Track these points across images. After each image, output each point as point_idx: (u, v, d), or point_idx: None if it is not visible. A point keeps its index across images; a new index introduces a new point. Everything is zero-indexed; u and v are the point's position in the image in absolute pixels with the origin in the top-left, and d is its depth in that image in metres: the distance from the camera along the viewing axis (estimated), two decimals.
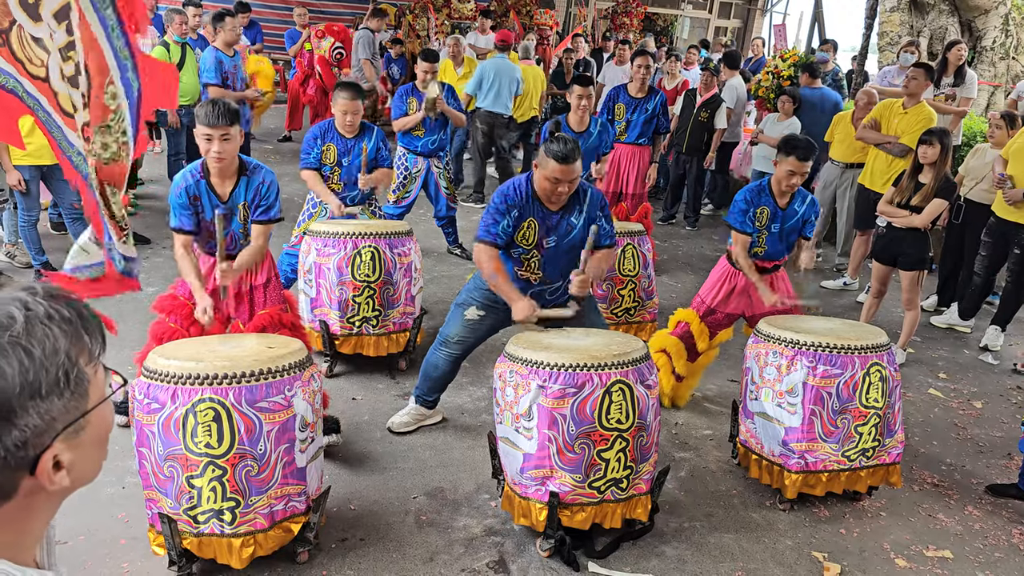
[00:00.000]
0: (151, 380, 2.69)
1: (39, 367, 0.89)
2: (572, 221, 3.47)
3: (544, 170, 3.31)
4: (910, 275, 5.21)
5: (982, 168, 5.92)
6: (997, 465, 4.17)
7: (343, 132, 4.88)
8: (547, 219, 3.45)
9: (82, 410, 0.95)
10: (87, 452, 0.97)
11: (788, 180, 4.05)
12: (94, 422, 0.97)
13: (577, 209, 3.47)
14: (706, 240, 8.10)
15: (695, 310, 4.35)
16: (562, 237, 3.47)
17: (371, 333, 4.40)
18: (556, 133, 3.41)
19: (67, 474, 0.95)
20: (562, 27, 14.34)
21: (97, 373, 0.98)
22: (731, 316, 4.31)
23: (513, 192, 3.42)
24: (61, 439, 0.93)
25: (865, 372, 3.38)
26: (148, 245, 6.34)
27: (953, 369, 5.41)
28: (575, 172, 3.31)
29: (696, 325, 4.30)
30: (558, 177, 3.29)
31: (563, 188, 3.33)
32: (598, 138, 5.65)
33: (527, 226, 3.43)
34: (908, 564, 3.26)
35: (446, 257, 6.74)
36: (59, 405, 0.92)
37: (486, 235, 3.42)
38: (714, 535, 3.34)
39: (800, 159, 3.97)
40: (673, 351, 4.30)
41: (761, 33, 17.43)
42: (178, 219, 3.48)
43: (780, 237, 4.18)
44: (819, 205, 4.31)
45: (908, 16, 10.63)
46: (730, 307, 4.29)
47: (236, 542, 2.73)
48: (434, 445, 3.86)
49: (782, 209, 4.15)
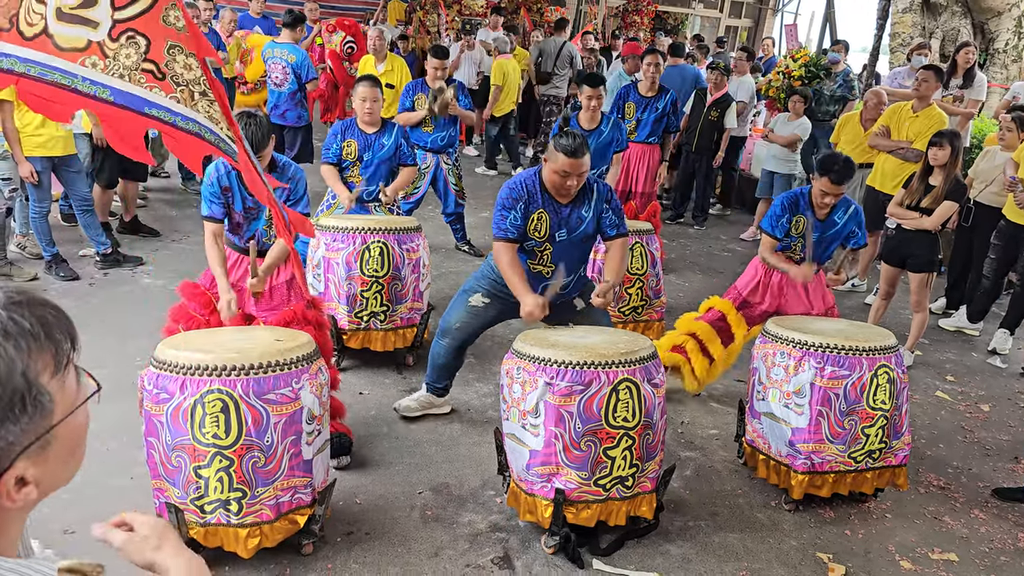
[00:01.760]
0: (160, 370, 2.70)
1: None
2: (582, 214, 3.50)
3: (553, 164, 3.35)
4: (919, 277, 5.19)
5: (992, 171, 5.90)
6: (1004, 468, 4.16)
7: (364, 127, 4.93)
8: (559, 211, 3.48)
9: (46, 427, 0.90)
10: (55, 464, 0.93)
11: (821, 199, 4.01)
12: (62, 434, 0.92)
13: (587, 202, 3.51)
14: (714, 239, 8.09)
15: (731, 300, 4.35)
16: (572, 230, 3.50)
17: (379, 328, 4.41)
18: (565, 128, 3.42)
19: (35, 488, 0.91)
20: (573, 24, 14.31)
21: (66, 383, 0.93)
22: (766, 314, 4.23)
23: (519, 186, 3.46)
24: (24, 458, 0.88)
25: (873, 374, 3.37)
26: (157, 238, 6.36)
27: (961, 372, 5.39)
28: (583, 166, 3.34)
29: (733, 315, 4.30)
30: (567, 170, 3.32)
31: (572, 182, 3.37)
32: (610, 135, 5.63)
33: (538, 217, 3.45)
34: (913, 566, 3.26)
35: (454, 253, 6.75)
36: (15, 430, 0.87)
37: (498, 231, 3.46)
38: (719, 534, 3.34)
39: (834, 182, 3.90)
40: (704, 336, 4.30)
41: (772, 33, 17.38)
42: (209, 207, 3.53)
43: (819, 245, 4.13)
44: (862, 214, 4.20)
45: (920, 17, 10.58)
46: (765, 303, 4.27)
47: (242, 532, 2.74)
48: (440, 441, 3.87)
49: (821, 220, 4.11)
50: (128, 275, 5.56)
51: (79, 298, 5.06)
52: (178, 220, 6.88)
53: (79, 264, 5.59)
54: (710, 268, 7.10)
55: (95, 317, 4.81)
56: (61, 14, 2.32)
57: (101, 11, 2.35)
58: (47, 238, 5.36)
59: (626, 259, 3.67)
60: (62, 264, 5.39)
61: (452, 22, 12.54)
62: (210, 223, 3.52)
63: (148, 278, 5.55)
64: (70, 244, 5.88)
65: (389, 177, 5.08)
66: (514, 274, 3.41)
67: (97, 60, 2.36)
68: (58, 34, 2.32)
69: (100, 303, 5.08)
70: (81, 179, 5.52)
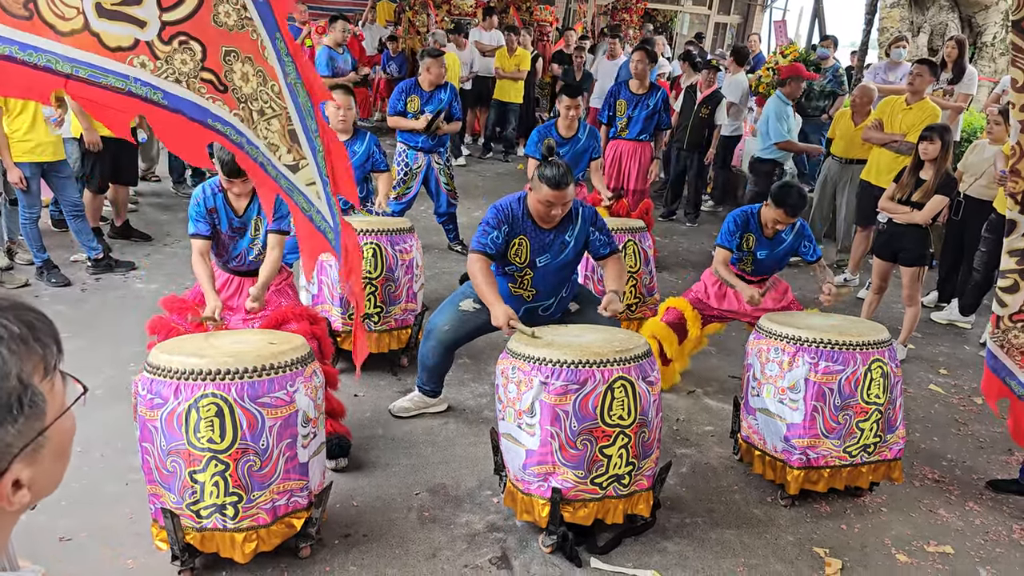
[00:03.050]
0: (154, 376, 2.69)
1: None
2: (565, 239, 3.58)
3: (538, 194, 3.44)
4: (911, 271, 5.22)
5: (981, 164, 5.92)
6: (998, 461, 4.18)
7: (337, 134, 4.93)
8: (540, 237, 3.56)
9: (39, 429, 0.91)
10: (47, 467, 0.94)
11: (772, 225, 4.16)
12: (53, 437, 0.94)
13: (571, 228, 3.59)
14: (706, 236, 8.10)
15: (688, 300, 4.45)
16: (555, 255, 3.58)
17: (373, 330, 4.40)
18: (550, 158, 3.48)
19: (28, 491, 0.92)
20: (562, 23, 14.31)
21: (54, 386, 0.95)
22: (723, 313, 4.41)
23: (507, 208, 3.55)
24: (19, 460, 0.90)
25: (867, 368, 3.38)
26: (149, 242, 6.34)
27: (954, 365, 5.41)
28: (567, 196, 3.43)
29: (689, 312, 4.41)
30: (551, 201, 3.42)
31: (556, 211, 3.46)
32: (586, 143, 5.75)
33: (519, 243, 3.54)
34: (909, 559, 3.27)
35: (447, 254, 6.74)
36: (12, 432, 0.88)
37: (477, 245, 3.53)
38: (715, 531, 3.34)
39: (788, 215, 4.06)
40: (663, 336, 4.40)
41: (761, 29, 17.41)
42: (195, 225, 3.62)
43: (768, 260, 4.28)
44: (808, 228, 4.35)
45: (908, 12, 10.62)
46: (723, 305, 4.39)
47: (239, 537, 2.73)
48: (436, 441, 3.87)
49: (768, 238, 4.24)
50: (120, 280, 5.54)
51: (71, 304, 5.04)
52: (169, 224, 6.85)
53: (71, 270, 5.57)
54: (702, 264, 7.08)
55: (87, 323, 4.79)
56: (102, 10, 2.16)
57: (148, 10, 2.22)
58: (38, 244, 5.33)
59: (624, 270, 3.72)
60: (53, 270, 5.37)
61: (442, 22, 12.52)
62: (197, 240, 3.60)
63: (140, 283, 5.53)
64: (61, 250, 5.85)
65: (363, 183, 5.11)
66: (485, 283, 3.45)
67: (147, 60, 2.23)
68: (104, 32, 2.16)
69: (92, 309, 5.06)
70: (71, 184, 5.49)
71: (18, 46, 2.07)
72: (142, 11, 2.22)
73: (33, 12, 2.08)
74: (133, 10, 2.20)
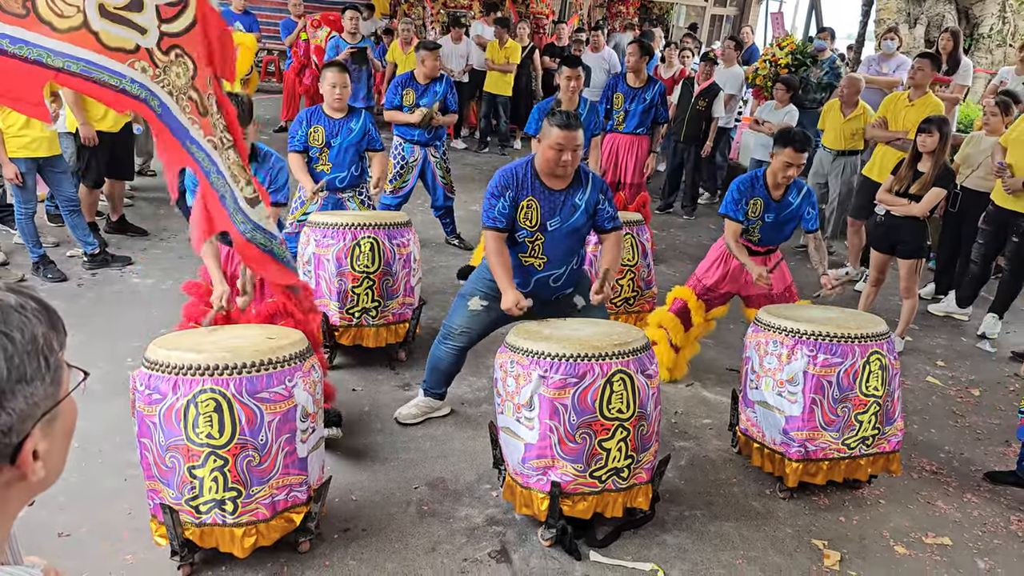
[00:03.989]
0: (152, 371, 2.68)
1: (21, 351, 0.89)
2: (576, 202, 3.50)
3: (548, 140, 3.36)
4: (908, 263, 5.22)
5: (978, 156, 5.92)
6: (995, 452, 4.19)
7: (331, 112, 4.94)
8: (550, 198, 3.48)
9: (57, 397, 0.94)
10: (58, 443, 0.97)
11: (784, 172, 4.11)
12: (65, 411, 0.97)
13: (580, 190, 3.51)
14: (704, 229, 8.10)
15: (691, 288, 4.51)
16: (566, 218, 3.50)
17: (370, 324, 4.39)
18: (556, 108, 3.46)
19: (43, 465, 0.94)
20: (558, 15, 14.27)
21: (63, 364, 0.98)
22: (726, 295, 4.49)
23: (508, 173, 3.48)
24: (39, 427, 0.92)
25: (865, 361, 3.38)
26: (145, 237, 6.32)
27: (951, 357, 5.42)
28: (578, 139, 3.35)
29: (693, 301, 4.47)
30: (561, 143, 3.33)
31: (567, 156, 3.36)
32: (587, 118, 5.72)
33: (527, 205, 3.46)
34: (907, 551, 3.28)
35: (444, 247, 6.73)
36: (41, 390, 0.91)
37: (487, 220, 3.48)
38: (714, 523, 3.35)
39: (797, 150, 4.04)
40: (670, 326, 4.47)
41: (757, 21, 17.38)
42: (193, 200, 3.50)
43: (775, 227, 4.27)
44: (815, 195, 4.38)
45: (905, 3, 10.62)
46: (724, 287, 4.45)
47: (238, 532, 2.73)
48: (435, 435, 3.86)
49: (775, 201, 4.21)
50: (117, 275, 5.53)
51: (68, 299, 5.02)
52: (166, 219, 6.83)
53: (67, 265, 5.55)
54: (700, 257, 7.05)
55: (85, 318, 4.78)
56: (105, 11, 2.22)
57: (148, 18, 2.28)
58: (34, 239, 5.31)
59: (621, 252, 3.68)
60: (50, 265, 5.35)
61: (437, 15, 12.49)
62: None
63: (137, 278, 5.52)
64: (60, 245, 5.84)
65: (359, 162, 5.08)
66: (499, 264, 3.41)
67: (147, 66, 2.29)
68: (103, 31, 2.22)
69: (89, 304, 5.05)
70: (67, 179, 5.47)
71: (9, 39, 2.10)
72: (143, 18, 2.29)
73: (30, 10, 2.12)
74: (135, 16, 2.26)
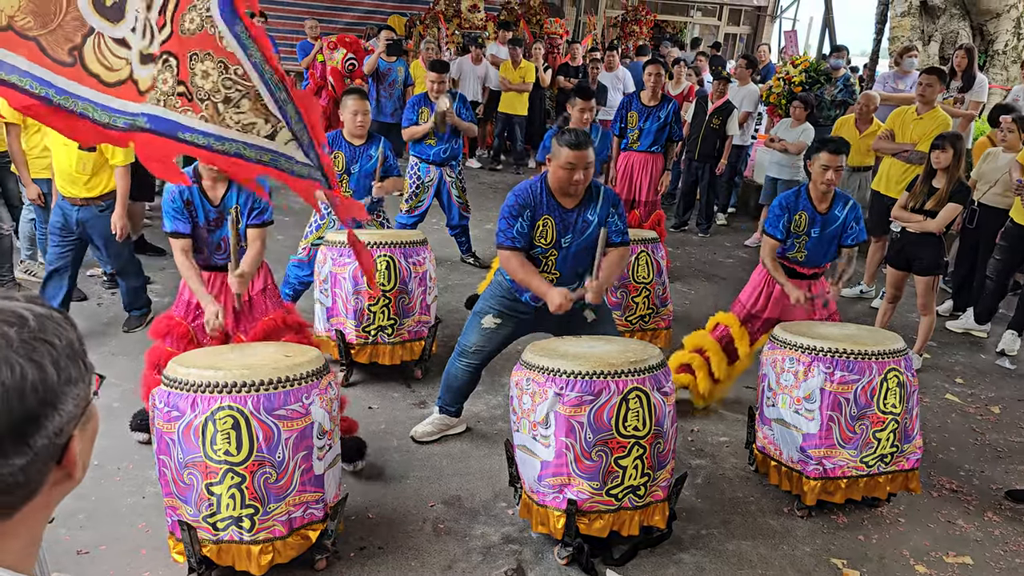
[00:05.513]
0: (171, 388, 2.71)
1: (63, 355, 0.91)
2: (588, 217, 3.51)
3: (558, 160, 3.37)
4: (925, 280, 5.19)
5: (994, 172, 5.89)
6: (1016, 471, 4.14)
7: (352, 139, 4.96)
8: (564, 216, 3.48)
9: (88, 398, 0.96)
10: (88, 445, 0.98)
11: (823, 176, 4.05)
12: (94, 413, 0.99)
13: (592, 206, 3.52)
14: (719, 247, 8.09)
15: (735, 314, 4.37)
16: (578, 234, 3.51)
17: (386, 342, 4.41)
18: (565, 128, 3.48)
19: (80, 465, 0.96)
20: (572, 35, 14.36)
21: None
22: (769, 322, 4.27)
23: (526, 192, 3.48)
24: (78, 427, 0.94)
25: (883, 378, 3.37)
26: (164, 256, 6.38)
27: (970, 374, 5.38)
28: (589, 157, 3.36)
29: (736, 328, 4.33)
30: (572, 163, 3.34)
31: (579, 175, 3.37)
32: (599, 145, 5.73)
33: (543, 224, 3.47)
34: (928, 570, 3.24)
35: (459, 266, 6.76)
36: (83, 388, 0.93)
37: (505, 240, 3.47)
38: (732, 542, 3.33)
39: (832, 152, 4.01)
40: (712, 352, 4.33)
41: (771, 39, 17.42)
42: (172, 223, 3.50)
43: (820, 243, 4.15)
44: (860, 209, 4.27)
45: (919, 21, 10.61)
46: (768, 312, 4.29)
47: (255, 549, 2.74)
48: (451, 453, 3.87)
49: (822, 214, 4.13)
50: None
51: (88, 318, 5.08)
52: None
53: (87, 284, 5.61)
54: (715, 275, 7.09)
55: (104, 337, 4.82)
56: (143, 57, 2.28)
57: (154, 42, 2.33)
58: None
59: (623, 267, 3.68)
60: None
61: (452, 36, 12.59)
62: (177, 239, 3.50)
63: (155, 296, 5.57)
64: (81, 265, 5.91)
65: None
66: (528, 275, 3.42)
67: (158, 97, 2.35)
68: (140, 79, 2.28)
69: (108, 322, 5.10)
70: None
71: (55, 90, 2.15)
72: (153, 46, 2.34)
73: (76, 60, 2.16)
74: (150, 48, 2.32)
